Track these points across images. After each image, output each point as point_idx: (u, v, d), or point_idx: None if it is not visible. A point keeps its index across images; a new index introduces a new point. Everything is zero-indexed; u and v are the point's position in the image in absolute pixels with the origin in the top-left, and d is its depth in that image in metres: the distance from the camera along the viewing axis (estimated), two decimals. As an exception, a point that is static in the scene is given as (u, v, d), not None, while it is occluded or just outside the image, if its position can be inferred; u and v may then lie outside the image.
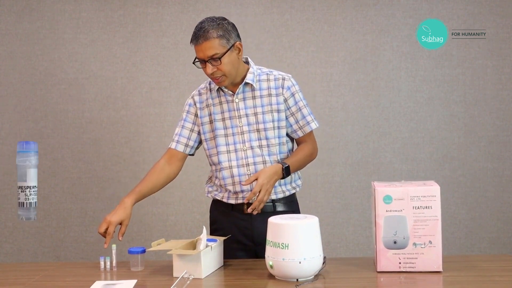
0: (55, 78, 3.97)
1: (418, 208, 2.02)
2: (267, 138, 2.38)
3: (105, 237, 2.21)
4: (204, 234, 2.13)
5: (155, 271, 2.18)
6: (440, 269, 2.03)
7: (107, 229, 2.21)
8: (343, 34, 3.95)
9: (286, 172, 2.32)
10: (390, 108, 3.96)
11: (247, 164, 2.38)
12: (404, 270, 2.04)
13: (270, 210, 2.40)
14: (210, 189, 2.51)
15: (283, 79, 2.41)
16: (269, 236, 2.00)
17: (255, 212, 2.26)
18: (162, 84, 3.96)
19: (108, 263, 2.22)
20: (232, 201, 2.41)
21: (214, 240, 2.17)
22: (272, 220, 2.02)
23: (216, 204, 2.52)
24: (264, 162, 2.37)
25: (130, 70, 3.97)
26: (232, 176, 2.39)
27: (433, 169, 3.95)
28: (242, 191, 2.39)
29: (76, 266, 2.37)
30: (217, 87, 2.42)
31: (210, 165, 2.50)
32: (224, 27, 2.27)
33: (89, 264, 2.35)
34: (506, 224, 3.97)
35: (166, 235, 3.93)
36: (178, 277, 2.03)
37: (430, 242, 2.02)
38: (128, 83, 3.97)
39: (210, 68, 2.26)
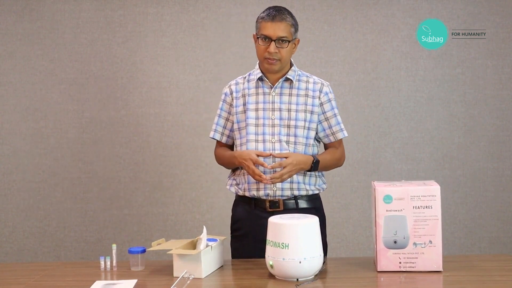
0: (55, 78, 3.97)
1: (418, 207, 2.02)
2: (295, 136, 2.41)
3: (260, 177, 2.29)
4: (204, 234, 2.12)
5: (155, 271, 2.18)
6: (440, 269, 2.03)
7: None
8: (343, 33, 3.95)
9: (314, 166, 2.37)
10: (390, 108, 3.96)
11: (273, 156, 2.38)
12: (404, 270, 2.04)
13: (293, 206, 2.42)
14: (233, 182, 2.51)
15: (322, 84, 2.49)
16: (269, 236, 2.00)
17: (269, 182, 2.29)
18: (162, 84, 3.96)
19: (108, 263, 2.22)
20: (254, 192, 2.40)
21: (215, 240, 2.17)
22: (272, 220, 2.02)
23: (238, 203, 2.51)
24: None
25: (130, 70, 3.97)
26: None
27: (433, 169, 3.95)
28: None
29: (76, 265, 2.37)
30: (256, 78, 2.46)
31: None
32: (296, 20, 2.43)
33: (89, 263, 2.35)
34: (506, 223, 3.97)
35: (166, 235, 3.93)
36: (178, 277, 2.03)
37: (430, 241, 2.02)
38: (128, 83, 3.97)
39: (273, 47, 2.34)
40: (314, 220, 2.00)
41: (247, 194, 2.43)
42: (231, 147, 2.59)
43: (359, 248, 3.95)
